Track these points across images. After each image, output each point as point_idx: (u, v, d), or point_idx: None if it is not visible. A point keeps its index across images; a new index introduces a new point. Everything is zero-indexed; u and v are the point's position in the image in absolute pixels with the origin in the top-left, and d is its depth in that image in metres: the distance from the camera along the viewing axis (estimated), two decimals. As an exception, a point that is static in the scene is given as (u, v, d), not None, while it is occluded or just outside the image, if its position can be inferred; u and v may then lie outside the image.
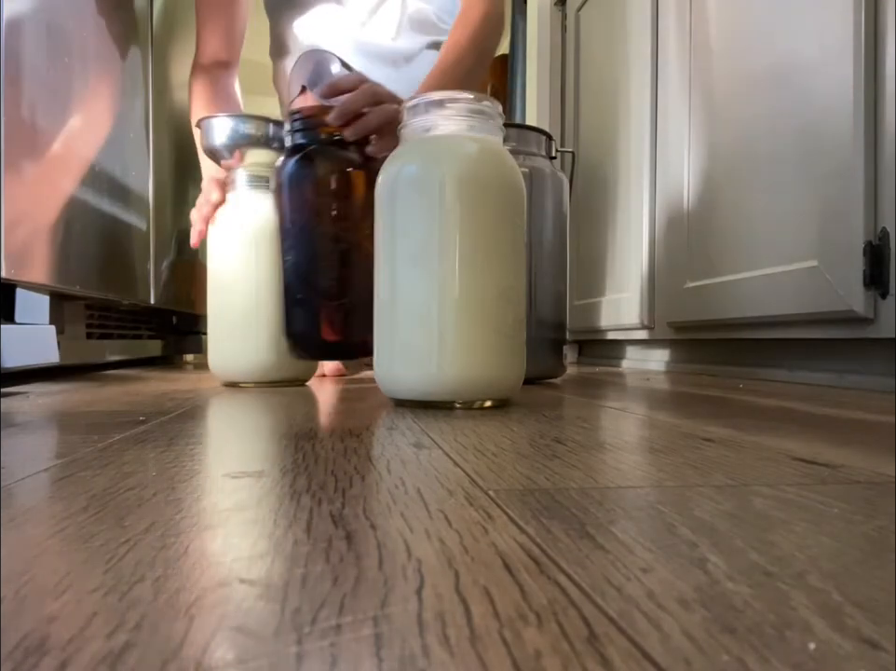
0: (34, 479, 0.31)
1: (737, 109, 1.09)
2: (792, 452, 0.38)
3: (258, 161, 0.87)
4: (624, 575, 0.19)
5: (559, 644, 0.14)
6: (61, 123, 0.93)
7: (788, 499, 0.27)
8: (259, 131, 0.86)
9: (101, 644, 0.14)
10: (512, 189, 0.62)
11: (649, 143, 1.40)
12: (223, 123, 0.86)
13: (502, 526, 0.23)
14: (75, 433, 0.46)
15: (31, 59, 0.84)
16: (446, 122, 0.62)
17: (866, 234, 0.82)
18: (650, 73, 1.39)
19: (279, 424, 0.51)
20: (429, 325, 0.59)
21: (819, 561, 0.20)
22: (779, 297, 0.97)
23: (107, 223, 1.10)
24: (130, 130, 1.21)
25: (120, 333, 1.35)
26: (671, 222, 1.31)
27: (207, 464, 0.35)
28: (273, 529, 0.23)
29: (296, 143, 0.76)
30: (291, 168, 0.75)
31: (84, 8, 1.00)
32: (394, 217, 0.61)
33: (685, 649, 0.14)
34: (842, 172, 0.85)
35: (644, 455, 0.38)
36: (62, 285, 0.92)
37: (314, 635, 0.15)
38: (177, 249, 1.50)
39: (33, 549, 0.21)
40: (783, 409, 0.63)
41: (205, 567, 0.19)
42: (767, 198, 1.01)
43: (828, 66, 0.88)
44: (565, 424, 0.50)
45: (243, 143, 0.86)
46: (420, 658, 0.14)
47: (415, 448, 0.39)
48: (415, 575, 0.19)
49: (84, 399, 0.71)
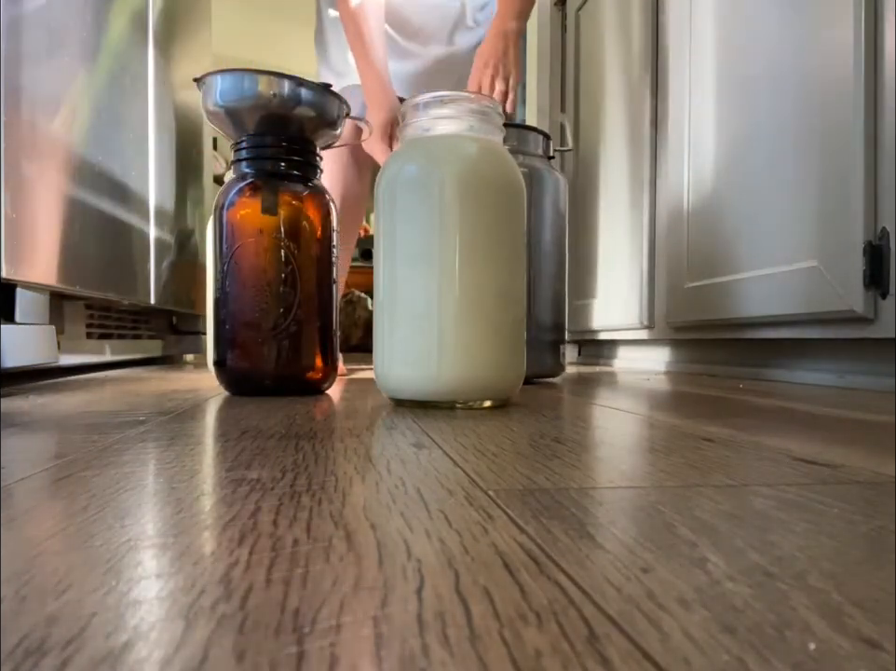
0: (34, 479, 0.31)
1: (737, 109, 1.09)
2: (792, 452, 0.38)
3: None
4: (624, 575, 0.19)
5: (559, 644, 0.14)
6: (61, 123, 0.93)
7: (788, 499, 0.27)
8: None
9: (101, 644, 0.14)
10: (512, 189, 0.62)
11: (649, 143, 1.40)
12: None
13: (502, 526, 0.23)
14: (75, 433, 0.46)
15: (31, 59, 0.84)
16: (446, 122, 0.62)
17: (866, 234, 0.82)
18: (650, 73, 1.40)
19: (280, 424, 0.51)
20: (429, 325, 0.59)
21: (819, 561, 0.20)
22: (779, 297, 0.97)
23: (107, 223, 1.10)
24: (130, 131, 1.21)
25: (120, 333, 1.35)
26: (671, 222, 1.31)
27: (207, 464, 0.35)
28: (273, 529, 0.23)
29: (241, 171, 0.76)
30: (234, 196, 0.74)
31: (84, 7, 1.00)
32: (394, 217, 0.61)
33: (685, 649, 0.14)
34: (842, 172, 0.85)
35: (645, 455, 0.38)
36: (62, 285, 0.92)
37: (314, 635, 0.15)
38: (177, 249, 1.50)
39: (33, 549, 0.21)
40: (783, 409, 0.63)
41: (205, 566, 0.19)
42: (767, 198, 1.01)
43: (828, 66, 0.88)
44: (565, 424, 0.50)
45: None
46: (420, 658, 0.14)
47: (415, 448, 0.39)
48: (415, 575, 0.19)
49: (84, 399, 0.71)
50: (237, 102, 0.74)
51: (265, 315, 0.73)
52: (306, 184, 0.77)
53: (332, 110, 0.79)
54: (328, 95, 0.77)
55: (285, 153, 0.76)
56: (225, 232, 0.74)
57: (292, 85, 0.74)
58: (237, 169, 0.76)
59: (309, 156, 0.78)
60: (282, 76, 0.74)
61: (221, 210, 0.75)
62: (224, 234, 0.74)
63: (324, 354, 0.77)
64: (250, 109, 0.74)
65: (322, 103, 0.77)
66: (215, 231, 0.76)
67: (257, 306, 0.73)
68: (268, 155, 0.76)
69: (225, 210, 0.74)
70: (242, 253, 0.73)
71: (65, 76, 0.94)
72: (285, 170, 0.76)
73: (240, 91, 0.73)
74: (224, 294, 0.74)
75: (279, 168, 0.76)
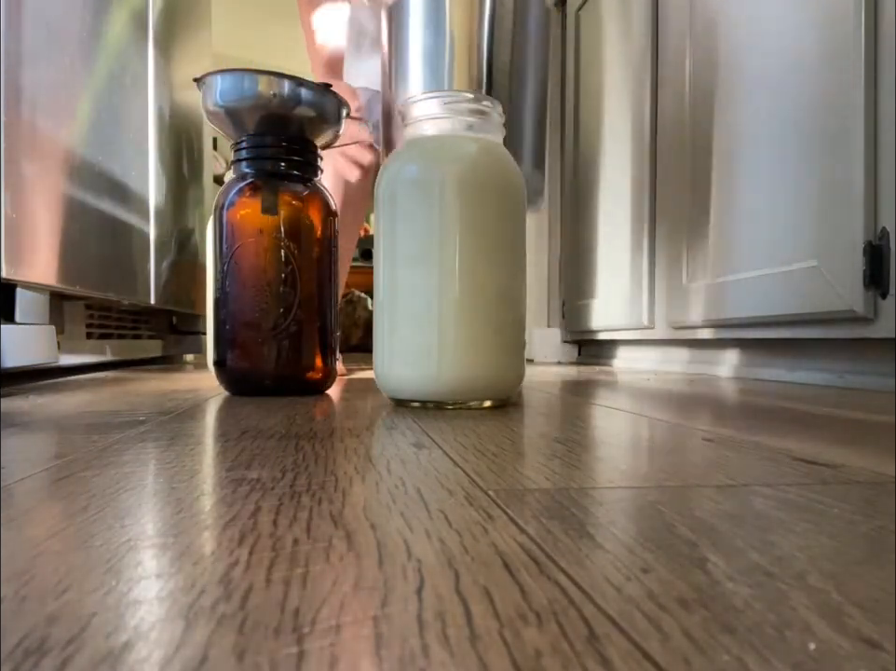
0: (34, 479, 0.31)
1: (737, 109, 1.09)
2: (792, 452, 0.38)
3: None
4: (624, 575, 0.19)
5: (559, 644, 0.14)
6: (61, 123, 0.93)
7: (788, 499, 0.27)
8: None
9: (101, 644, 0.14)
10: (512, 189, 0.62)
11: (649, 142, 1.40)
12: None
13: (502, 526, 0.23)
14: (75, 433, 0.46)
15: (31, 59, 0.84)
16: (446, 122, 0.62)
17: (866, 234, 0.82)
18: (650, 73, 1.39)
19: (280, 424, 0.51)
20: (429, 325, 0.59)
21: (819, 561, 0.20)
22: (779, 297, 0.97)
23: (107, 223, 1.10)
24: (130, 131, 1.21)
25: (120, 333, 1.35)
26: (671, 222, 1.31)
27: (207, 464, 0.35)
28: (273, 529, 0.23)
29: (241, 171, 0.76)
30: (234, 196, 0.74)
31: (84, 7, 1.00)
32: (394, 217, 0.61)
33: (685, 649, 0.14)
34: (842, 172, 0.85)
35: (645, 455, 0.38)
36: (62, 285, 0.92)
37: (314, 635, 0.15)
38: (177, 249, 1.50)
39: (33, 549, 0.21)
40: (783, 409, 0.63)
41: (205, 566, 0.19)
42: (767, 198, 1.01)
43: (828, 65, 0.88)
44: (565, 424, 0.50)
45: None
46: (420, 658, 0.14)
47: (415, 448, 0.39)
48: (415, 575, 0.19)
49: (84, 399, 0.71)
50: (237, 102, 0.74)
51: (265, 315, 0.73)
52: (306, 184, 0.77)
53: (332, 110, 0.79)
54: (328, 95, 0.78)
55: (285, 153, 0.76)
56: (225, 232, 0.74)
57: (292, 85, 0.74)
58: (237, 169, 0.76)
59: (309, 156, 0.78)
60: (282, 76, 0.74)
61: (221, 210, 0.75)
62: (224, 234, 0.74)
63: (324, 354, 0.77)
64: (250, 109, 0.74)
65: (322, 103, 0.77)
66: (215, 231, 0.76)
67: (257, 306, 0.73)
68: (268, 155, 0.76)
69: (225, 210, 0.74)
70: (242, 253, 0.73)
71: (65, 76, 0.94)
72: (285, 170, 0.76)
73: (240, 91, 0.73)
74: (224, 294, 0.74)
75: (279, 168, 0.76)
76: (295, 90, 0.74)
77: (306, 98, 0.75)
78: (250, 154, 0.76)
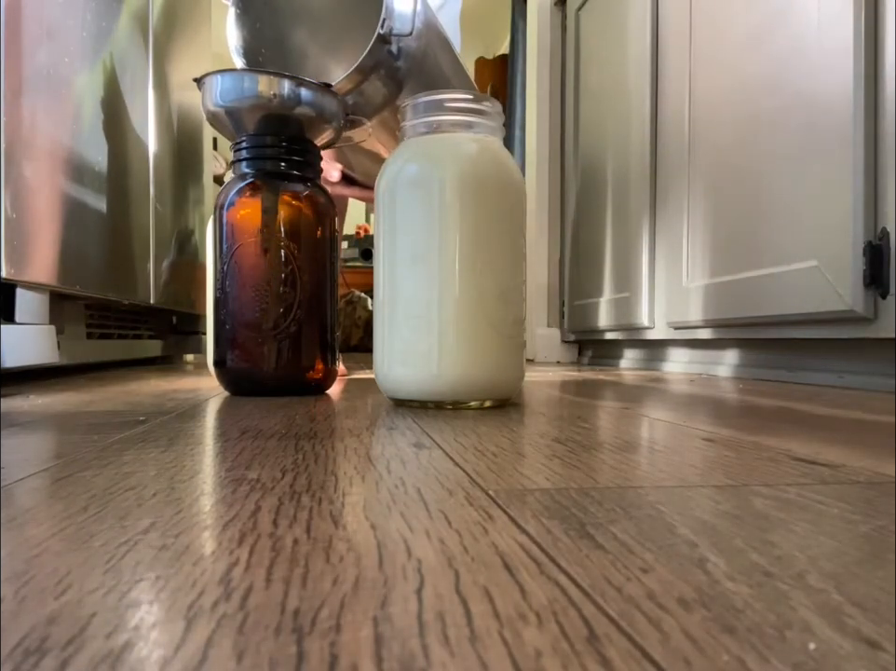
0: (34, 479, 0.31)
1: (737, 109, 1.09)
2: (792, 452, 0.38)
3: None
4: (624, 575, 0.19)
5: (559, 644, 0.14)
6: (61, 123, 0.93)
7: (788, 499, 0.27)
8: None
9: (101, 644, 0.14)
10: (512, 189, 0.62)
11: (649, 142, 1.40)
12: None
13: (502, 526, 0.23)
14: (75, 433, 0.46)
15: (31, 58, 0.84)
16: (446, 122, 0.62)
17: (866, 234, 0.82)
18: (650, 73, 1.39)
19: (279, 424, 0.51)
20: (429, 325, 0.59)
21: (819, 561, 0.20)
22: (779, 297, 0.97)
23: (107, 223, 1.10)
24: (130, 131, 1.21)
25: (120, 333, 1.35)
26: (670, 222, 1.31)
27: (207, 464, 0.35)
28: (273, 529, 0.23)
29: (241, 171, 0.76)
30: (234, 196, 0.74)
31: (84, 7, 1.00)
32: (394, 217, 0.61)
33: (685, 649, 0.14)
34: (842, 172, 0.85)
35: (644, 455, 0.38)
36: (62, 285, 0.92)
37: (314, 635, 0.15)
38: (177, 249, 1.50)
39: (33, 549, 0.21)
40: (783, 409, 0.63)
41: (205, 566, 0.19)
42: (768, 199, 1.01)
43: (828, 66, 0.88)
44: (565, 424, 0.50)
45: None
46: (420, 658, 0.14)
47: (415, 448, 0.39)
48: (415, 575, 0.19)
49: (84, 399, 0.71)
50: (237, 103, 0.74)
51: (265, 315, 0.73)
52: (306, 184, 0.77)
53: (332, 110, 0.79)
54: (328, 95, 0.78)
55: (285, 153, 0.76)
56: (225, 232, 0.74)
57: (292, 85, 0.74)
58: (237, 169, 0.76)
59: (309, 156, 0.78)
60: (282, 76, 0.74)
61: (221, 210, 0.75)
62: (224, 234, 0.74)
63: (324, 354, 0.77)
64: (249, 109, 0.74)
65: (322, 103, 0.77)
66: (215, 231, 0.75)
67: (257, 306, 0.73)
68: (268, 155, 0.76)
69: (225, 210, 0.74)
70: (242, 253, 0.73)
71: (65, 76, 0.94)
72: (285, 170, 0.76)
73: (240, 91, 0.73)
74: (224, 294, 0.74)
75: (279, 168, 0.76)
76: (295, 90, 0.74)
77: (306, 98, 0.75)
78: (250, 154, 0.76)
